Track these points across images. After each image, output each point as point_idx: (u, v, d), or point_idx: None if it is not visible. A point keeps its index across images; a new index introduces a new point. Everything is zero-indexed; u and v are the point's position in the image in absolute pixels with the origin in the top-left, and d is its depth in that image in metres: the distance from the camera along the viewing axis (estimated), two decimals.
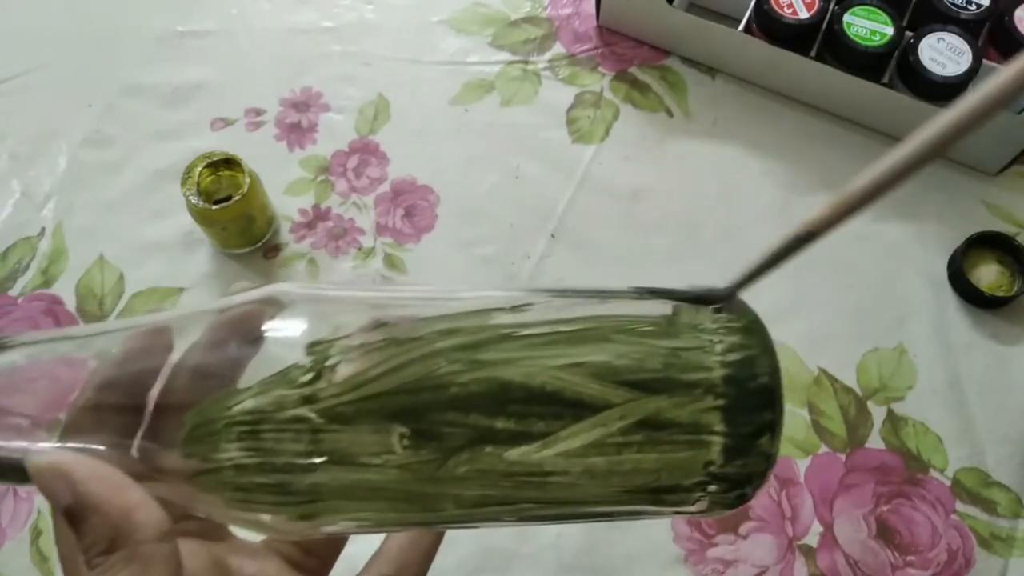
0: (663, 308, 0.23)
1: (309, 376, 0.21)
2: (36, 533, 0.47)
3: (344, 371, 0.21)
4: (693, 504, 0.22)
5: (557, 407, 0.21)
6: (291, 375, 0.21)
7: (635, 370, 0.21)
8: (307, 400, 0.20)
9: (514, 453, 0.20)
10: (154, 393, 0.22)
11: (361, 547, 0.28)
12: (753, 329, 0.23)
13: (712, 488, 0.22)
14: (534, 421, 0.21)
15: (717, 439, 0.21)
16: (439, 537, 0.29)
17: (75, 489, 0.20)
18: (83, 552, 0.20)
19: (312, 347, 0.21)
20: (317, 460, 0.20)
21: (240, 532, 0.24)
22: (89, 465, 0.20)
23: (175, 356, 0.22)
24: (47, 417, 0.22)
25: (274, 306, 0.22)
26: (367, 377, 0.20)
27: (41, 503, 0.48)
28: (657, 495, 0.22)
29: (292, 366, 0.21)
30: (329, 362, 0.21)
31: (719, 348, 0.22)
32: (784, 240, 0.20)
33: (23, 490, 0.49)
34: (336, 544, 0.29)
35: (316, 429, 0.20)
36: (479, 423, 0.20)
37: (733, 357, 0.22)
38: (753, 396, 0.21)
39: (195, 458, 0.21)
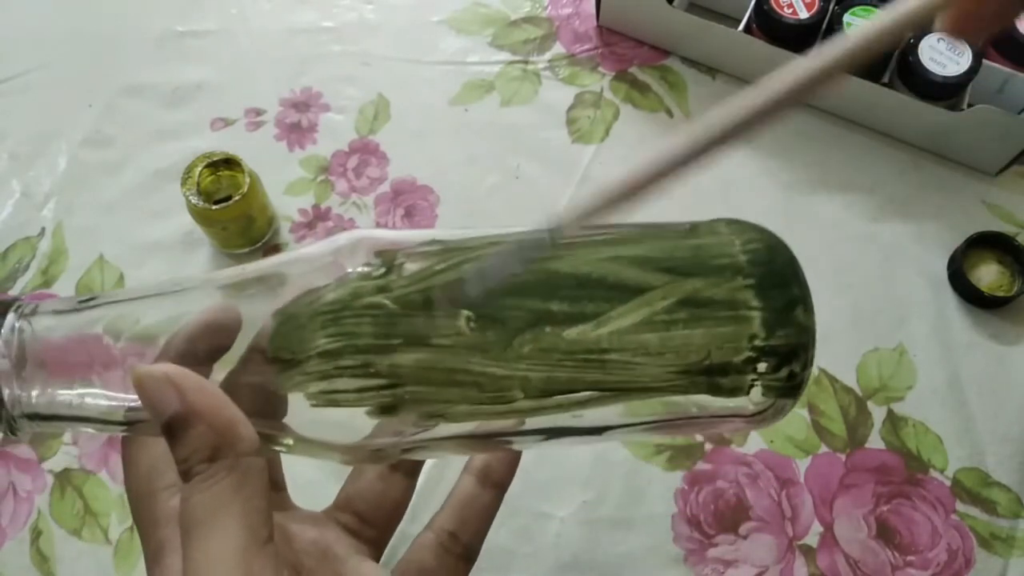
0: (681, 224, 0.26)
1: (382, 271, 0.23)
2: (36, 533, 0.47)
3: (410, 267, 0.23)
4: (748, 392, 0.24)
5: (604, 290, 0.23)
6: (365, 271, 0.23)
7: (668, 259, 0.24)
8: (381, 290, 0.22)
9: (572, 332, 0.22)
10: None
11: (417, 528, 0.29)
12: (763, 229, 0.26)
13: (762, 367, 0.23)
14: (585, 303, 0.23)
15: (755, 312, 0.23)
16: (497, 497, 0.30)
17: (185, 398, 0.21)
18: (181, 462, 0.21)
19: (380, 254, 0.23)
20: (395, 341, 0.22)
21: (313, 459, 0.25)
22: (195, 378, 0.21)
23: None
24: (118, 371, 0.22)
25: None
26: (432, 271, 0.23)
27: (41, 503, 0.48)
28: (712, 378, 0.23)
29: (365, 264, 0.23)
30: (397, 261, 0.23)
31: (738, 242, 0.25)
32: (588, 205, 0.22)
33: (23, 489, 0.49)
34: (394, 514, 0.30)
35: (392, 314, 0.22)
36: (536, 306, 0.22)
37: (752, 246, 0.25)
38: (778, 274, 0.24)
39: (283, 352, 0.22)
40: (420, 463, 0.31)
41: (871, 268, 0.54)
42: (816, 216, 0.56)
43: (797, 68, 0.17)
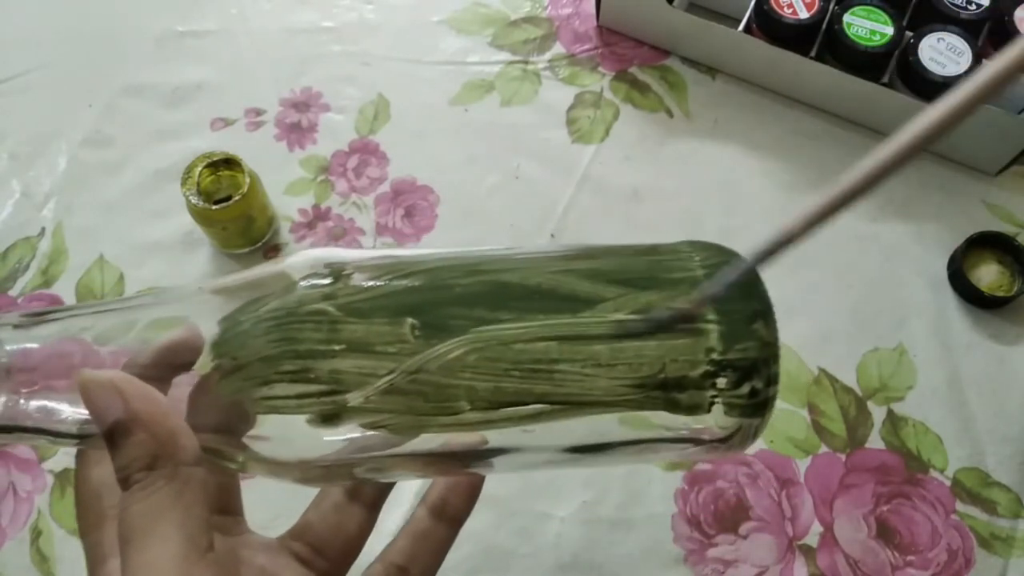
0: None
1: (328, 280, 0.23)
2: (36, 533, 0.47)
3: (358, 277, 0.23)
4: (709, 409, 0.23)
5: (554, 302, 0.23)
6: (312, 281, 0.23)
7: (623, 272, 0.24)
8: (327, 297, 0.22)
9: (519, 341, 0.22)
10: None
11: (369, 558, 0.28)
12: (726, 249, 0.25)
13: (721, 383, 0.22)
14: (534, 315, 0.22)
15: (712, 326, 0.22)
16: (452, 532, 0.29)
17: (128, 405, 0.21)
18: (120, 470, 0.21)
19: (329, 265, 0.23)
20: (336, 347, 0.21)
21: (261, 476, 0.24)
22: (140, 386, 0.21)
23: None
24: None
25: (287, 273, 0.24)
26: (378, 279, 0.23)
27: (41, 503, 0.48)
28: (668, 393, 0.22)
29: (312, 274, 0.23)
30: (345, 271, 0.23)
31: (697, 258, 0.24)
32: (769, 242, 0.21)
33: (23, 489, 0.49)
34: (349, 548, 0.29)
35: (335, 320, 0.22)
36: (483, 316, 0.22)
37: (712, 261, 0.24)
38: (739, 288, 0.23)
39: (224, 358, 0.22)
40: (381, 496, 0.30)
41: (871, 268, 0.54)
42: None
43: (932, 113, 0.16)
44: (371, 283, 0.23)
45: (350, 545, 0.29)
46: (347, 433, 0.22)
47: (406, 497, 0.45)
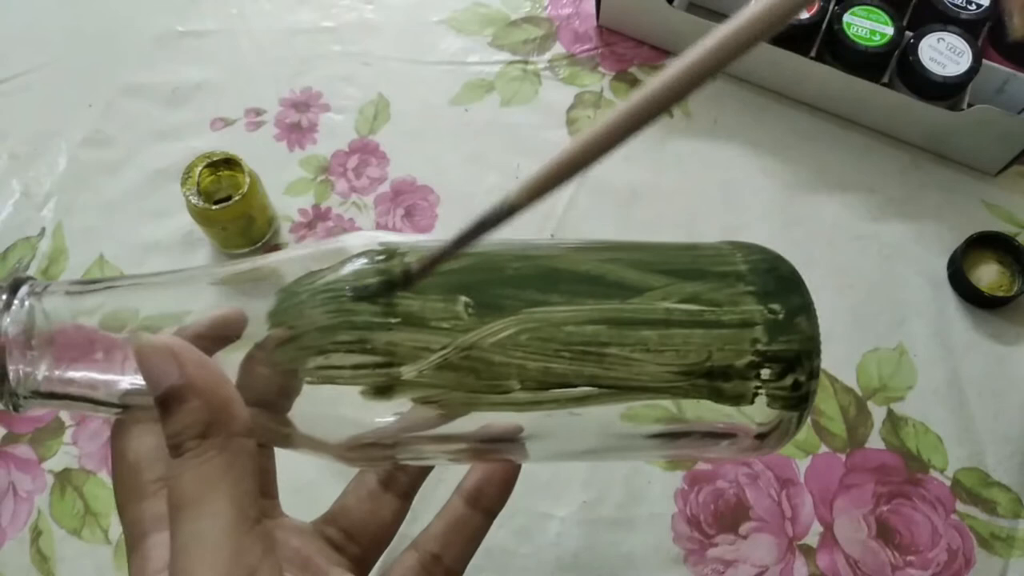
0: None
1: (383, 255, 0.23)
2: (36, 533, 0.47)
3: (412, 258, 0.23)
4: (753, 400, 0.23)
5: (603, 287, 0.23)
6: (367, 255, 0.23)
7: (669, 263, 0.24)
8: (382, 272, 0.22)
9: (570, 322, 0.22)
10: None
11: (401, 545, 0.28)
12: (765, 248, 0.26)
13: (765, 374, 0.23)
14: (584, 299, 0.23)
15: (757, 316, 0.23)
16: (486, 522, 0.30)
17: (184, 371, 0.20)
18: (172, 437, 0.21)
19: (384, 243, 0.24)
20: (393, 320, 0.22)
21: (303, 453, 0.24)
22: (196, 353, 0.21)
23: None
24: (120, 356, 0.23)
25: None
26: (433, 259, 0.22)
27: (41, 503, 0.48)
28: (714, 382, 0.23)
29: (368, 250, 0.23)
30: (400, 250, 0.23)
31: (739, 254, 0.25)
32: (485, 213, 0.21)
33: (23, 489, 0.49)
34: (381, 535, 0.29)
35: (391, 296, 0.22)
36: (535, 297, 0.22)
37: (754, 257, 0.25)
38: (781, 282, 0.24)
39: (282, 326, 0.22)
40: (415, 486, 0.30)
41: (871, 268, 0.54)
42: (816, 216, 0.56)
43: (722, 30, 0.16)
44: (425, 259, 0.23)
45: (382, 532, 0.29)
46: (397, 408, 0.22)
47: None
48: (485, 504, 0.30)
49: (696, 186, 0.57)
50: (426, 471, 0.31)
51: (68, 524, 0.48)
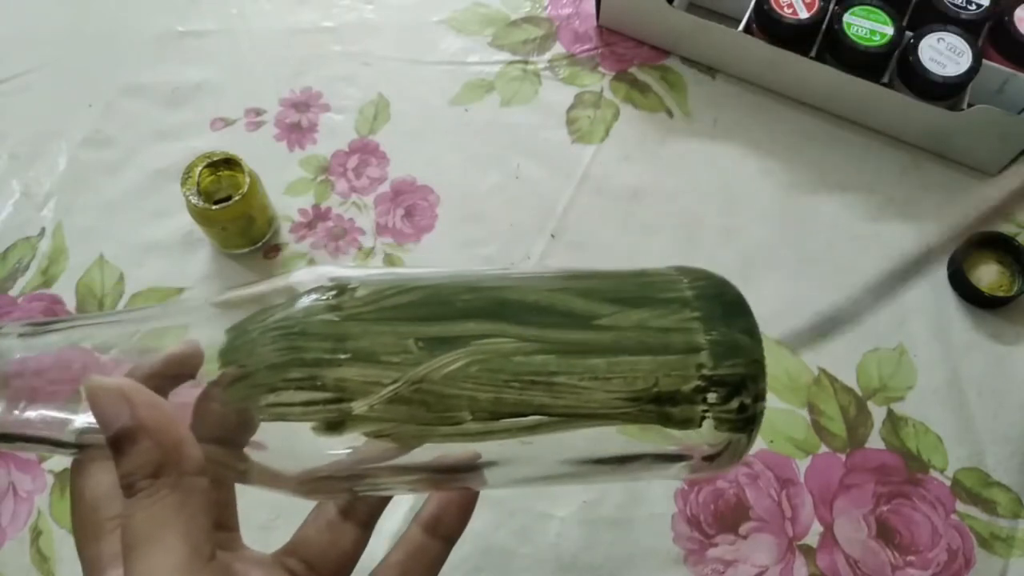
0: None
1: (333, 292, 0.23)
2: (36, 533, 0.47)
3: (363, 291, 0.23)
4: (700, 424, 0.23)
5: (552, 317, 0.24)
6: (318, 293, 0.23)
7: (617, 291, 0.25)
8: (332, 308, 0.23)
9: (519, 353, 0.23)
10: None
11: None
12: (712, 273, 0.26)
13: (712, 398, 0.23)
14: (532, 329, 0.23)
15: (702, 341, 0.23)
16: (445, 549, 0.30)
17: (135, 412, 0.21)
18: (124, 477, 0.21)
19: (335, 279, 0.24)
20: (342, 356, 0.22)
21: (262, 489, 0.24)
22: (147, 394, 0.21)
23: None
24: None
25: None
26: (383, 294, 0.23)
27: (41, 503, 0.48)
28: (662, 407, 0.23)
29: (319, 287, 0.23)
30: (350, 286, 0.24)
31: (685, 280, 0.25)
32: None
33: (23, 489, 0.49)
34: (342, 565, 0.29)
35: (341, 331, 0.22)
36: (485, 329, 0.23)
37: (700, 283, 0.25)
38: (726, 307, 0.24)
39: (232, 365, 0.22)
40: (375, 515, 0.30)
41: (871, 268, 0.54)
42: (816, 216, 0.56)
43: None
44: (376, 296, 0.23)
45: (343, 562, 0.29)
46: (351, 442, 0.22)
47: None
48: (443, 531, 0.29)
49: (696, 186, 0.57)
50: (386, 500, 0.31)
51: (68, 524, 0.47)
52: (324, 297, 0.23)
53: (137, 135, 0.60)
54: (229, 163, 0.52)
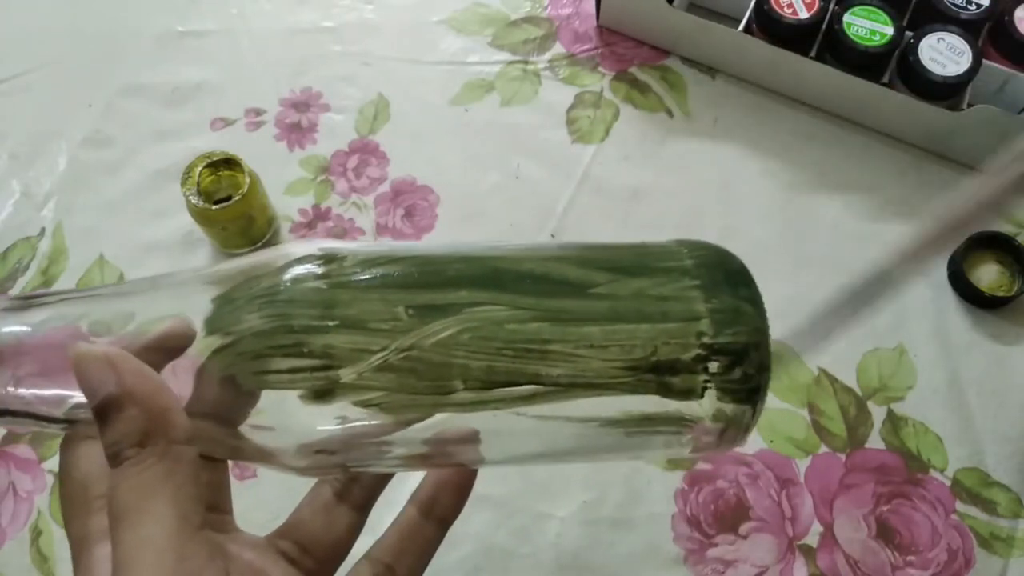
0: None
1: (322, 261, 0.23)
2: (36, 533, 0.47)
3: (351, 261, 0.23)
4: (702, 394, 0.23)
5: (547, 285, 0.23)
6: (307, 262, 0.23)
7: (614, 261, 0.24)
8: (321, 276, 0.22)
9: (513, 321, 0.22)
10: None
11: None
12: (713, 244, 0.25)
13: (713, 367, 0.22)
14: (526, 297, 0.23)
15: (702, 309, 0.23)
16: (440, 532, 0.29)
17: (120, 379, 0.20)
18: (110, 446, 0.21)
19: (323, 249, 0.24)
20: (330, 323, 0.21)
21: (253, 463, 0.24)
22: (133, 362, 0.21)
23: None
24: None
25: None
26: (373, 263, 0.23)
27: (41, 503, 0.48)
28: (661, 376, 0.22)
29: (307, 255, 0.23)
30: (339, 254, 0.23)
31: (685, 250, 0.25)
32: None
33: (23, 489, 0.49)
34: (336, 549, 0.29)
35: (329, 298, 0.22)
36: (477, 297, 0.22)
37: (699, 253, 0.25)
38: (728, 275, 0.24)
39: (217, 333, 0.22)
40: (371, 498, 0.30)
41: (871, 268, 0.54)
42: (816, 216, 0.56)
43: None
44: (365, 265, 0.23)
45: (338, 546, 0.29)
46: (339, 411, 0.22)
47: (398, 499, 0.45)
48: (439, 513, 0.29)
49: (696, 186, 0.57)
50: (382, 483, 0.30)
51: None
52: (313, 266, 0.23)
53: (137, 135, 0.60)
54: (229, 163, 0.52)
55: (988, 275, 0.52)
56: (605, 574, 0.45)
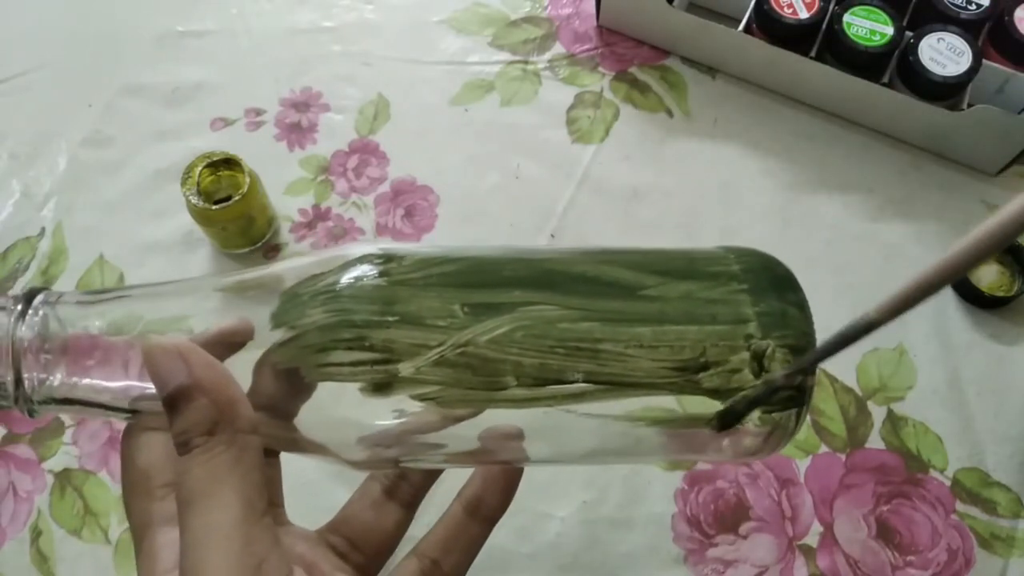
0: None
1: (382, 260, 0.24)
2: (36, 533, 0.47)
3: (410, 261, 0.24)
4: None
5: (598, 286, 0.24)
6: (367, 259, 0.24)
7: (663, 264, 0.25)
8: (382, 274, 0.23)
9: (564, 320, 0.23)
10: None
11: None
12: (759, 251, 0.26)
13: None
14: (579, 298, 0.23)
15: (750, 312, 0.23)
16: (485, 530, 0.30)
17: (191, 371, 0.21)
18: (179, 435, 0.21)
19: (383, 249, 0.25)
20: (391, 318, 0.23)
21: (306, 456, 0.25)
22: (202, 354, 0.22)
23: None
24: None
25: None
26: (431, 263, 0.24)
27: (41, 503, 0.48)
28: (710, 379, 0.23)
29: (368, 255, 0.24)
30: (398, 254, 0.24)
31: (732, 256, 0.25)
32: (847, 327, 0.22)
33: (23, 489, 0.49)
34: (384, 545, 0.30)
35: (389, 294, 0.23)
36: (530, 297, 0.23)
37: (747, 259, 0.25)
38: (775, 280, 0.24)
39: (282, 327, 0.23)
40: (418, 496, 0.31)
41: (871, 268, 0.54)
42: (816, 216, 0.56)
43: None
44: (423, 264, 0.24)
45: (386, 541, 0.30)
46: (397, 404, 0.23)
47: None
48: (485, 512, 0.30)
49: (696, 186, 0.57)
50: (430, 481, 0.31)
51: (68, 524, 0.48)
52: (373, 264, 0.24)
53: (137, 135, 0.60)
54: (229, 163, 0.52)
55: (988, 275, 0.52)
56: (605, 574, 0.45)
